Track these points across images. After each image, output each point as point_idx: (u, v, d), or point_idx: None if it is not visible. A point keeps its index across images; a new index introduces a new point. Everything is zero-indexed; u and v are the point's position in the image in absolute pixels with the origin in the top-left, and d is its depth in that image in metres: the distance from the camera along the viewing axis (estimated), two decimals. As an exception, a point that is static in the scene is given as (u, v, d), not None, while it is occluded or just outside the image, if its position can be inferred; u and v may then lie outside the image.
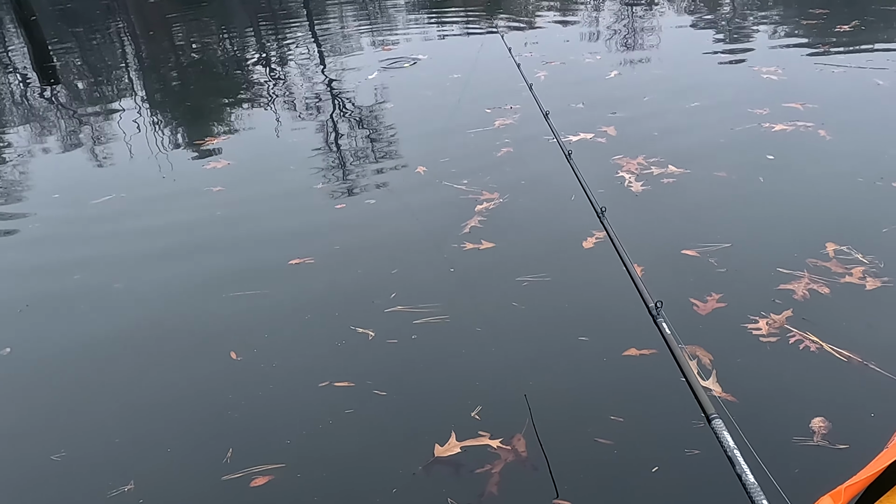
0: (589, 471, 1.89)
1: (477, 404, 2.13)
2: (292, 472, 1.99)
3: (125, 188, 4.20)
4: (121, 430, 2.23)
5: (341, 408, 2.18)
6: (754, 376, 2.15)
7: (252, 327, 2.63)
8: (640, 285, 1.77)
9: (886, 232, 2.86)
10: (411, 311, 2.61)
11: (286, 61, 7.67)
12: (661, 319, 1.63)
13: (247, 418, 2.20)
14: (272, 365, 2.40)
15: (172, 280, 3.08)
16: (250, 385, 2.33)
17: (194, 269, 3.16)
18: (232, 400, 2.27)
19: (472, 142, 4.39)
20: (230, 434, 2.14)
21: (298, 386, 2.30)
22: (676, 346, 1.54)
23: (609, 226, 2.05)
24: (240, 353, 2.48)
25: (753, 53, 5.93)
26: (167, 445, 2.13)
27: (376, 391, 2.24)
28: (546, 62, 6.05)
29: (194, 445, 2.13)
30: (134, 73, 8.05)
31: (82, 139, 5.49)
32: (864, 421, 1.94)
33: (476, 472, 1.90)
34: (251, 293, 2.87)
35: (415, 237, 3.25)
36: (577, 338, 2.38)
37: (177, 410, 2.29)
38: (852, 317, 2.39)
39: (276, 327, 2.63)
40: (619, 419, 2.03)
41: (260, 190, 4.02)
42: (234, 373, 2.40)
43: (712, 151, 3.88)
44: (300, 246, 3.20)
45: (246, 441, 2.11)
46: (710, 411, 1.29)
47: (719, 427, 1.25)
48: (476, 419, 2.08)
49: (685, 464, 1.86)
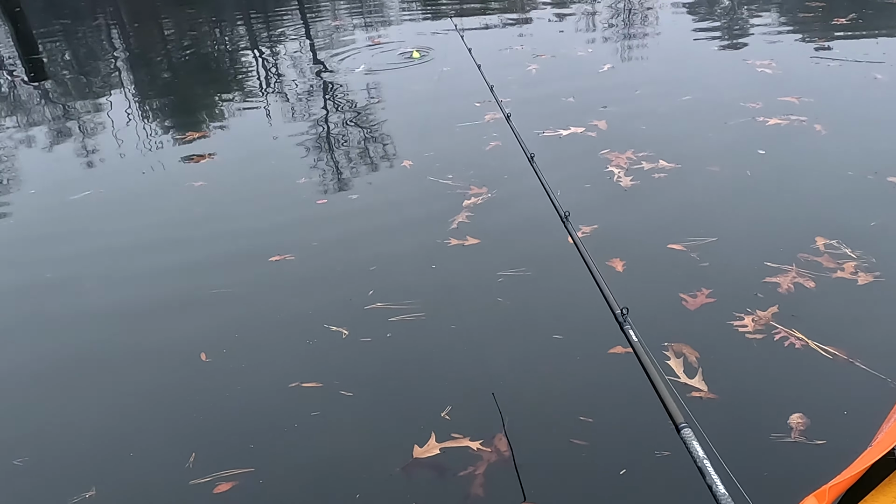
0: (560, 473, 1.82)
1: (447, 404, 2.06)
2: (257, 477, 1.91)
3: (105, 183, 4.11)
4: (84, 433, 2.15)
5: (309, 409, 2.11)
6: (737, 375, 2.09)
7: (224, 327, 2.56)
8: (607, 291, 1.70)
9: (875, 226, 2.81)
10: (388, 308, 2.54)
11: (275, 54, 7.57)
12: (628, 326, 1.56)
13: (212, 421, 2.12)
14: (241, 365, 2.32)
15: (145, 278, 3.00)
16: (218, 387, 2.25)
17: (169, 266, 3.07)
18: (198, 402, 2.20)
19: (461, 136, 4.31)
20: (194, 438, 2.06)
21: (267, 387, 2.23)
22: (644, 354, 1.47)
23: (573, 230, 2.00)
24: (210, 353, 2.41)
25: (748, 46, 5.86)
26: (130, 449, 2.06)
27: (343, 391, 2.16)
28: (537, 55, 5.96)
29: (158, 450, 2.05)
30: (121, 65, 7.95)
31: (66, 133, 5.40)
32: (843, 418, 1.88)
33: (459, 475, 1.84)
34: (226, 291, 2.79)
35: (398, 234, 3.17)
36: (551, 336, 2.32)
37: (142, 414, 2.21)
38: (840, 312, 2.34)
39: (247, 327, 2.55)
40: (590, 420, 1.97)
41: (241, 185, 3.94)
42: (203, 374, 2.32)
43: (704, 146, 3.81)
44: (279, 242, 3.12)
45: (210, 445, 2.03)
46: (680, 420, 1.25)
47: (689, 437, 1.21)
48: (446, 419, 2.02)
49: (656, 466, 1.80)
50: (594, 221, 3.05)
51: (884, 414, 1.76)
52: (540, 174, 2.36)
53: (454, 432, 1.96)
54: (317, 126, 4.85)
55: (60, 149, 5.01)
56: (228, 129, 5.14)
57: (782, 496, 1.62)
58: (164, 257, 3.15)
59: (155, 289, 2.91)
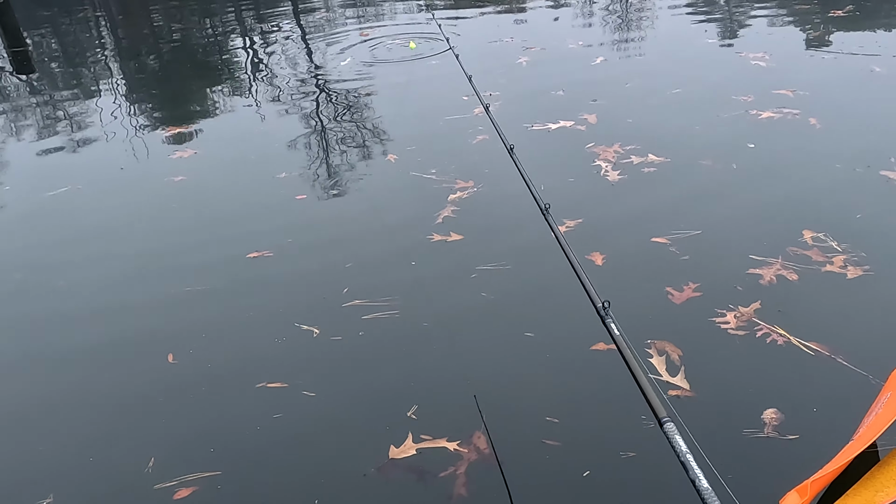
0: (529, 473, 1.77)
1: (415, 403, 2.00)
2: (219, 482, 1.84)
3: (83, 178, 4.02)
4: (43, 438, 2.08)
5: (273, 411, 2.04)
6: (718, 372, 2.03)
7: (194, 326, 2.48)
8: (588, 284, 1.67)
9: (864, 219, 2.75)
10: (362, 306, 2.47)
11: (264, 46, 7.47)
12: (610, 319, 1.54)
13: (174, 424, 2.05)
14: (207, 366, 2.25)
15: (116, 276, 2.91)
16: (183, 388, 2.18)
17: (142, 264, 2.99)
18: (162, 404, 2.13)
19: (448, 129, 4.22)
20: (155, 442, 1.99)
21: (232, 388, 2.16)
22: (626, 347, 1.45)
23: (554, 223, 1.95)
24: (178, 354, 2.33)
25: (742, 39, 5.77)
26: (90, 454, 1.98)
27: (307, 392, 2.10)
28: (527, 48, 5.86)
29: (118, 455, 1.97)
30: (107, 57, 7.84)
31: (49, 126, 5.31)
32: (816, 415, 1.84)
33: (439, 476, 1.77)
34: (200, 289, 2.72)
35: (379, 229, 3.09)
36: (529, 333, 2.26)
37: (103, 417, 2.13)
38: (826, 307, 2.28)
39: (217, 326, 2.48)
40: (555, 420, 1.90)
41: (221, 180, 3.86)
42: (168, 375, 2.24)
43: (694, 139, 3.73)
44: (257, 239, 3.04)
45: (171, 449, 1.96)
46: (662, 415, 1.23)
47: (671, 431, 1.19)
48: (412, 418, 1.95)
49: (621, 467, 1.75)
50: (579, 215, 2.98)
51: (862, 410, 1.71)
52: (519, 165, 2.31)
53: (423, 433, 1.90)
54: (301, 120, 4.76)
55: (42, 143, 4.91)
56: (213, 123, 5.05)
57: (756, 490, 1.57)
58: (136, 255, 3.07)
59: (126, 286, 2.83)
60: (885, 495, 1.35)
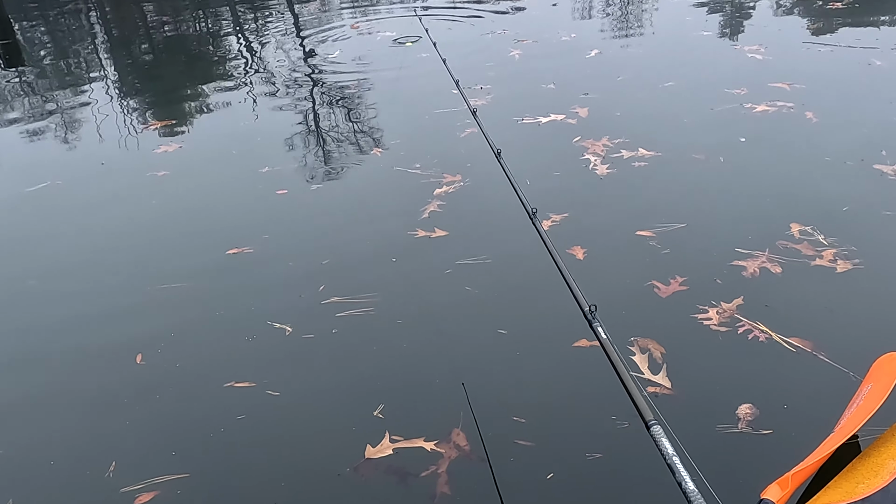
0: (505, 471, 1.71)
1: (385, 402, 1.95)
2: (184, 486, 1.79)
3: (64, 174, 3.95)
4: (1, 441, 2.02)
5: (239, 411, 1.99)
6: (697, 370, 1.98)
7: (166, 324, 2.42)
8: (575, 288, 1.62)
9: (853, 213, 2.70)
10: (338, 303, 2.41)
11: (256, 38, 7.39)
12: (597, 323, 1.49)
13: (138, 426, 1.99)
14: (175, 366, 2.19)
15: (91, 275, 2.85)
16: (149, 388, 2.12)
17: (118, 261, 2.93)
18: (126, 405, 2.07)
19: (436, 123, 4.15)
20: (117, 445, 1.94)
21: (199, 388, 2.10)
22: (613, 351, 1.42)
23: (541, 227, 1.89)
24: (147, 353, 2.27)
25: (740, 31, 5.68)
26: (51, 458, 1.93)
27: (271, 391, 2.05)
28: (519, 40, 5.78)
29: (80, 459, 1.92)
30: (98, 49, 7.77)
31: (35, 120, 5.24)
32: (789, 412, 1.80)
33: (420, 476, 1.71)
34: (175, 286, 2.65)
35: (361, 225, 3.02)
36: (496, 330, 2.20)
37: (67, 420, 2.08)
38: (811, 301, 2.23)
39: (189, 324, 2.42)
40: (522, 420, 1.85)
41: (205, 174, 3.80)
42: (135, 375, 2.18)
43: (686, 133, 3.66)
44: (236, 235, 2.97)
45: (133, 453, 1.91)
46: (649, 417, 1.22)
47: (658, 434, 1.19)
48: (379, 417, 1.90)
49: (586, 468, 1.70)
50: (565, 210, 2.93)
51: (839, 406, 1.68)
52: (507, 171, 2.24)
53: (397, 432, 1.85)
54: (290, 114, 4.69)
55: (27, 136, 4.85)
56: (201, 116, 4.98)
57: (735, 487, 1.54)
58: (111, 252, 3.01)
59: (97, 285, 2.77)
60: (865, 487, 1.32)
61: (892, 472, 1.34)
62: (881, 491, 1.30)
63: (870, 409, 1.50)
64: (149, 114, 5.22)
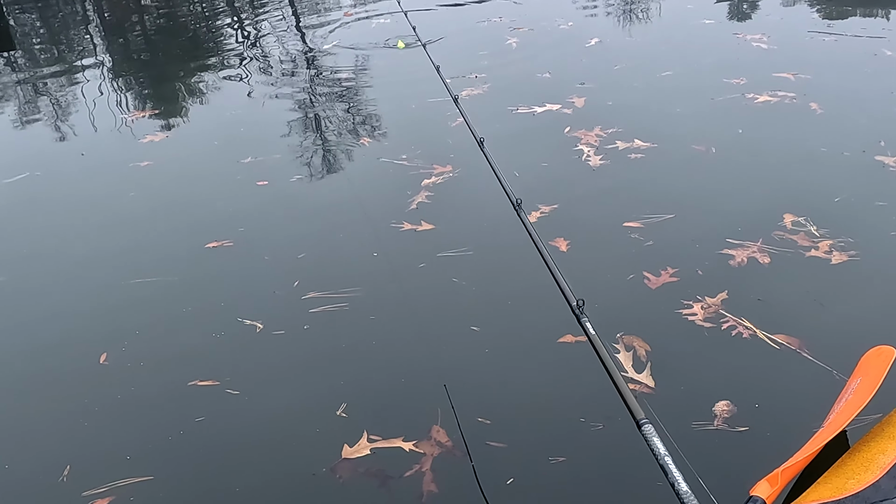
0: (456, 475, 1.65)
1: (343, 401, 1.88)
2: (141, 491, 1.71)
3: (44, 165, 3.86)
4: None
5: (201, 410, 1.92)
6: (676, 367, 1.91)
7: (134, 321, 2.34)
8: (563, 283, 1.58)
9: (849, 203, 2.62)
10: (313, 299, 2.33)
11: (252, 27, 7.27)
12: (585, 319, 1.46)
13: (98, 428, 1.92)
14: (139, 364, 2.10)
15: (63, 271, 2.76)
16: (111, 387, 2.04)
17: (92, 255, 2.84)
18: (87, 405, 1.99)
19: (428, 112, 4.04)
20: (75, 448, 1.86)
21: (161, 387, 2.02)
22: (601, 347, 1.39)
23: (527, 220, 1.82)
24: (112, 351, 2.18)
25: (743, 19, 5.55)
26: (5, 462, 1.85)
27: (232, 390, 1.97)
28: (516, 28, 5.64)
29: (36, 462, 1.84)
30: (91, 36, 7.66)
31: (23, 107, 5.16)
32: (771, 409, 1.75)
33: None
34: (149, 281, 2.57)
35: (344, 217, 2.92)
36: (469, 327, 2.13)
37: (24, 422, 1.99)
38: (798, 296, 2.15)
39: (158, 320, 2.34)
40: (487, 421, 1.78)
41: (188, 165, 3.70)
42: (97, 375, 2.10)
43: (684, 124, 3.55)
44: (215, 228, 2.88)
45: (91, 456, 1.83)
46: (640, 416, 1.19)
47: (650, 433, 1.16)
48: (343, 416, 1.84)
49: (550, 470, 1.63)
50: (555, 201, 2.84)
51: (820, 404, 1.65)
52: (491, 160, 2.15)
53: (374, 432, 1.78)
54: (277, 102, 4.58)
55: (13, 125, 4.76)
56: (191, 105, 4.89)
57: (720, 484, 1.42)
58: (85, 245, 2.92)
59: (69, 281, 2.68)
60: (856, 482, 1.30)
61: (882, 467, 1.32)
62: (871, 486, 1.27)
63: (859, 404, 1.49)
64: (139, 102, 5.12)
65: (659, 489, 1.19)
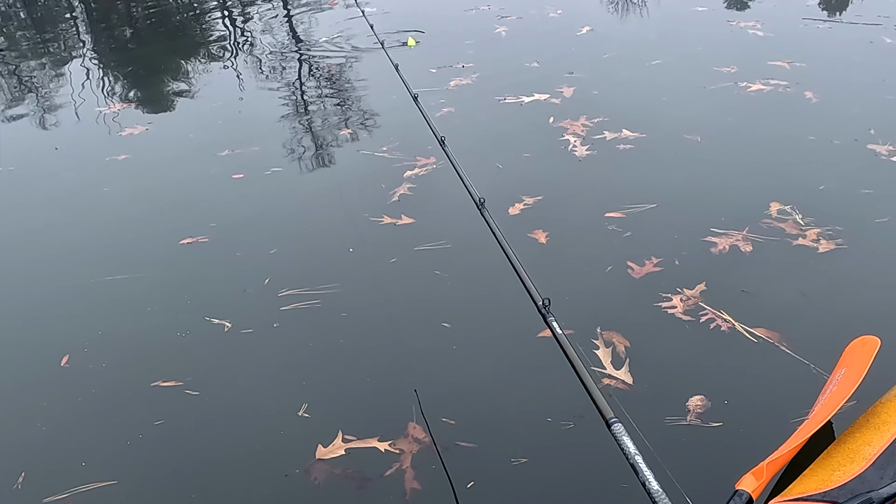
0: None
1: (313, 401, 1.83)
2: (104, 496, 1.65)
3: (19, 159, 3.77)
4: None
5: (163, 412, 1.86)
6: (653, 363, 1.87)
7: (98, 320, 2.27)
8: (528, 282, 1.54)
9: (837, 192, 2.59)
10: (285, 296, 2.25)
11: (241, 19, 7.16)
12: (552, 318, 1.42)
13: (54, 432, 1.85)
14: (101, 365, 2.03)
15: (27, 269, 2.68)
16: (72, 389, 1.97)
17: (59, 252, 2.76)
18: (45, 409, 1.92)
19: (408, 105, 3.93)
20: (30, 453, 1.79)
21: (124, 388, 1.96)
22: (569, 346, 1.35)
23: (491, 218, 1.76)
24: (74, 353, 2.12)
25: (737, 5, 5.45)
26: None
27: (189, 391, 1.92)
28: (504, 16, 5.54)
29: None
30: (76, 26, 7.54)
31: (2, 99, 5.04)
32: (748, 404, 1.73)
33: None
34: (117, 279, 2.49)
35: (323, 211, 2.86)
36: (441, 324, 2.07)
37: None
38: (787, 285, 2.11)
39: (123, 319, 2.26)
40: (451, 422, 1.73)
41: (166, 158, 3.60)
42: (58, 378, 2.03)
43: (674, 113, 3.47)
44: (185, 223, 2.80)
45: (46, 461, 1.77)
46: (609, 415, 1.18)
47: (619, 432, 1.14)
48: (305, 417, 1.79)
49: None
50: (539, 192, 2.76)
51: (795, 399, 1.65)
52: (452, 159, 2.09)
53: (349, 431, 1.73)
54: (257, 95, 4.48)
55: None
56: (174, 98, 4.78)
57: (696, 482, 1.40)
58: (54, 243, 2.84)
59: (31, 281, 2.60)
60: (841, 474, 1.29)
61: (867, 458, 1.31)
62: (857, 478, 1.27)
63: (843, 395, 1.48)
64: (122, 95, 5.02)
65: (634, 488, 1.13)
